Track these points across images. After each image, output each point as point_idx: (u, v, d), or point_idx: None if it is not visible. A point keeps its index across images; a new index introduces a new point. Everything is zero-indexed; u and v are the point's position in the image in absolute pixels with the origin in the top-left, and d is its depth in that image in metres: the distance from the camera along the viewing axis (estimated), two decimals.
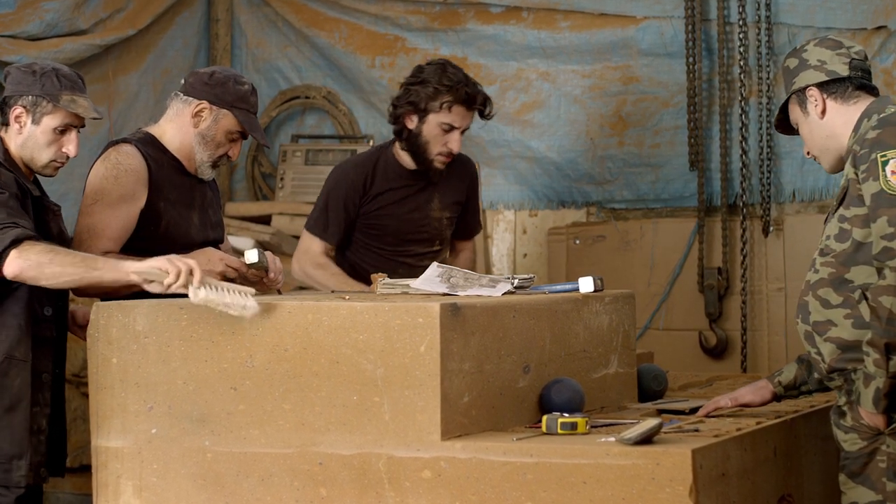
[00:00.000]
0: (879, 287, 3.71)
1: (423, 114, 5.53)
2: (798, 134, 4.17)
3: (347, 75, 7.30)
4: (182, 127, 4.68)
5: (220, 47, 7.40)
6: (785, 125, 4.21)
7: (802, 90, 4.06)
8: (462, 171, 5.80)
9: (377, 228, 5.65)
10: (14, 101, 4.36)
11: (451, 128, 5.54)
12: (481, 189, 6.18)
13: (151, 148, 4.65)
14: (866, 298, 3.79)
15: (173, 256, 4.04)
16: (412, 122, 5.57)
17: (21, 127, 4.35)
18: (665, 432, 3.84)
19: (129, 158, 4.63)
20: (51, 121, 4.35)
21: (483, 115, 5.63)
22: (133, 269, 4.05)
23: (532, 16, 6.90)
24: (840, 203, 3.91)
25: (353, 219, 5.66)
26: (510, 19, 6.95)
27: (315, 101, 7.36)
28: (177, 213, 4.69)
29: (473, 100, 5.54)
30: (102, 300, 4.35)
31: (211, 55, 7.39)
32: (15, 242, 4.09)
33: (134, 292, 4.32)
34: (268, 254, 4.68)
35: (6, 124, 4.38)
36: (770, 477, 4.15)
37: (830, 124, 4.02)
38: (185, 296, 4.30)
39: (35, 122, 4.35)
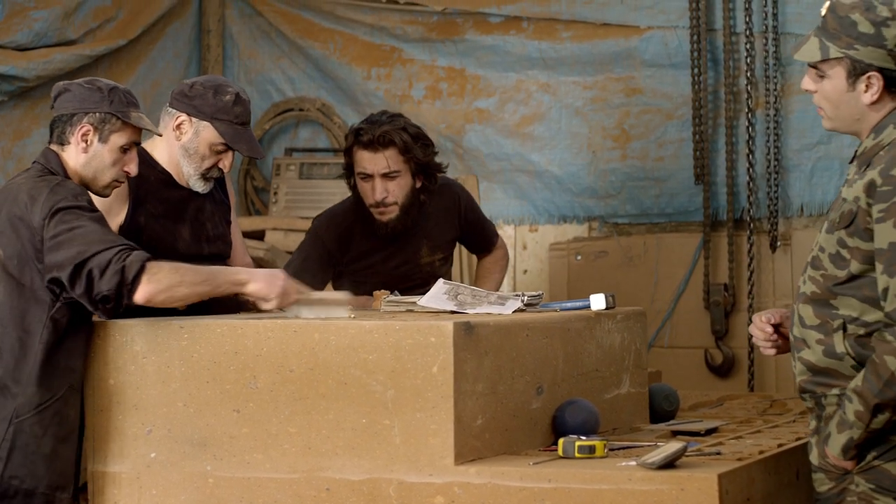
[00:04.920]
0: (888, 346, 3.50)
1: (350, 168, 5.21)
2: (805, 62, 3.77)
3: (342, 87, 7.23)
4: (168, 140, 4.63)
5: (212, 58, 7.33)
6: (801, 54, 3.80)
7: (865, 65, 3.65)
8: (445, 205, 5.40)
9: (363, 281, 5.27)
10: (79, 118, 4.19)
11: (366, 175, 5.17)
12: (479, 202, 5.95)
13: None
14: (845, 330, 3.60)
15: (274, 275, 4.16)
16: (351, 183, 5.25)
17: (87, 145, 4.19)
18: (686, 456, 3.73)
19: None
20: (119, 138, 4.21)
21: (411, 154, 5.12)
22: (250, 290, 4.13)
23: (532, 26, 6.85)
24: (846, 226, 3.61)
25: (336, 270, 5.35)
26: (510, 29, 6.89)
27: (309, 113, 7.29)
28: (160, 226, 4.62)
29: (367, 140, 5.10)
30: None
31: (202, 66, 7.33)
32: (143, 268, 3.95)
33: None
34: None
35: (63, 143, 4.21)
36: (793, 501, 4.06)
37: (869, 112, 3.69)
38: (184, 314, 4.20)
39: (102, 140, 4.20)
